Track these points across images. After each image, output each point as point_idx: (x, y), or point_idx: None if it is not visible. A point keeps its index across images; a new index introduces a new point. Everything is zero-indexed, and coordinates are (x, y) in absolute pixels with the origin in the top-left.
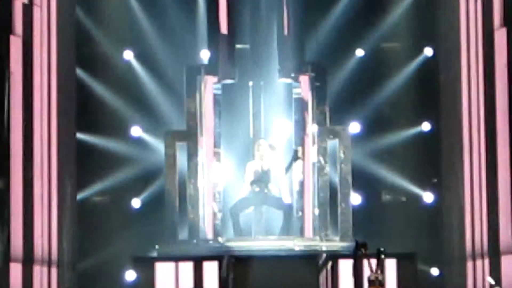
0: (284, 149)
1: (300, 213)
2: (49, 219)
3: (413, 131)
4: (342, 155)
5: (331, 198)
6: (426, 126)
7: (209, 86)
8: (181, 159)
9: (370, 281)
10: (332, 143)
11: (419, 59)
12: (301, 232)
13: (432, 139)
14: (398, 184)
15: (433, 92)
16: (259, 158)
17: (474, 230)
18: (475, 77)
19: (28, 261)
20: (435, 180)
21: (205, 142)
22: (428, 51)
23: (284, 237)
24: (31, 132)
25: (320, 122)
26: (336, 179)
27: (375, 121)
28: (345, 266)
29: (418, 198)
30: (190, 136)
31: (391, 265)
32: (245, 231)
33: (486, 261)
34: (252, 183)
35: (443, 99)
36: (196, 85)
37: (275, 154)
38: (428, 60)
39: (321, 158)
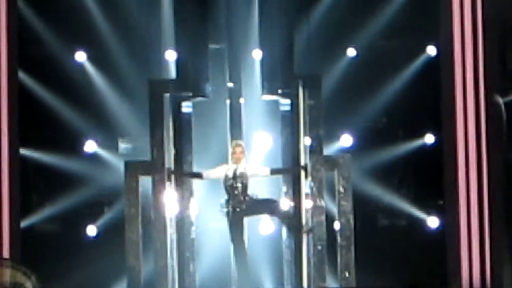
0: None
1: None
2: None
3: (414, 144)
4: (342, 189)
5: (329, 241)
6: (429, 138)
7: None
8: (145, 189)
9: None
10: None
11: (420, 60)
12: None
13: (437, 154)
14: (398, 207)
15: (438, 98)
16: (234, 162)
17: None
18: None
19: None
20: (441, 202)
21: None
22: (431, 50)
23: None
24: None
25: (314, 148)
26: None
27: (369, 132)
28: None
29: (421, 223)
30: (155, 168)
31: None
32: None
33: None
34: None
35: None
36: (162, 106)
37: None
38: (431, 60)
39: (316, 193)
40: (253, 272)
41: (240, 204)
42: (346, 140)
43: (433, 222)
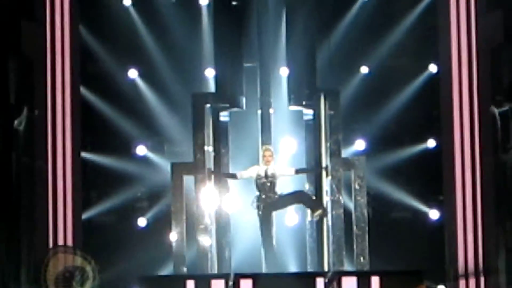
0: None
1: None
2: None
3: (418, 148)
4: (357, 187)
5: (346, 230)
6: (431, 143)
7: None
8: (189, 186)
9: None
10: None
11: (423, 76)
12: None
13: (438, 156)
14: (404, 202)
15: (438, 109)
16: (265, 164)
17: (467, 248)
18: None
19: None
20: (441, 197)
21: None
22: (433, 68)
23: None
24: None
25: (333, 152)
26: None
27: (380, 138)
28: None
29: (424, 216)
30: (197, 169)
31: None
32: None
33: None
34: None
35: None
36: (203, 115)
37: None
38: (433, 76)
39: (335, 190)
40: (280, 258)
41: (269, 199)
42: (360, 144)
43: (434, 214)
